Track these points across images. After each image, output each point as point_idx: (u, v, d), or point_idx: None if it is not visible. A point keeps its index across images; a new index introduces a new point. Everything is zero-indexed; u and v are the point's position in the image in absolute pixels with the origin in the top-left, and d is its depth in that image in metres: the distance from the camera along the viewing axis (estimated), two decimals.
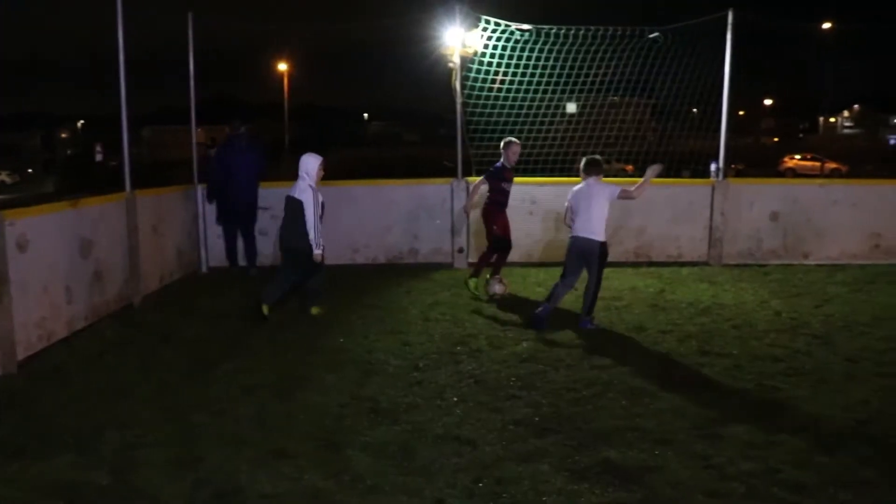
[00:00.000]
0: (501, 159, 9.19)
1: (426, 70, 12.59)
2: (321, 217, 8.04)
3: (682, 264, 11.37)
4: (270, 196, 11.26)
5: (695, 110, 12.42)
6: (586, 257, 7.74)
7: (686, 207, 11.51)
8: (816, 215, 11.67)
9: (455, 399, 5.83)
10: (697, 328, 7.81)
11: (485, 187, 9.30)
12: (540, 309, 7.90)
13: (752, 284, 10.03)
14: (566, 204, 8.17)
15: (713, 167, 11.72)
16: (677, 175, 12.84)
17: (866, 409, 5.58)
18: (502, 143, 9.22)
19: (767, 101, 77.41)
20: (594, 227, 7.67)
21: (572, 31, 11.58)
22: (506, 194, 9.23)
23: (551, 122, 12.39)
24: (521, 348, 7.09)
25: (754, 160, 43.63)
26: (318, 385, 6.16)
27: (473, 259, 11.26)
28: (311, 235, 7.94)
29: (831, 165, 44.18)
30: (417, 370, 6.52)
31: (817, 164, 44.48)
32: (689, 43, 12.00)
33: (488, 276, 9.36)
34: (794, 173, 42.97)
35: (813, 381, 6.17)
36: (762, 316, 8.35)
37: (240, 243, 10.96)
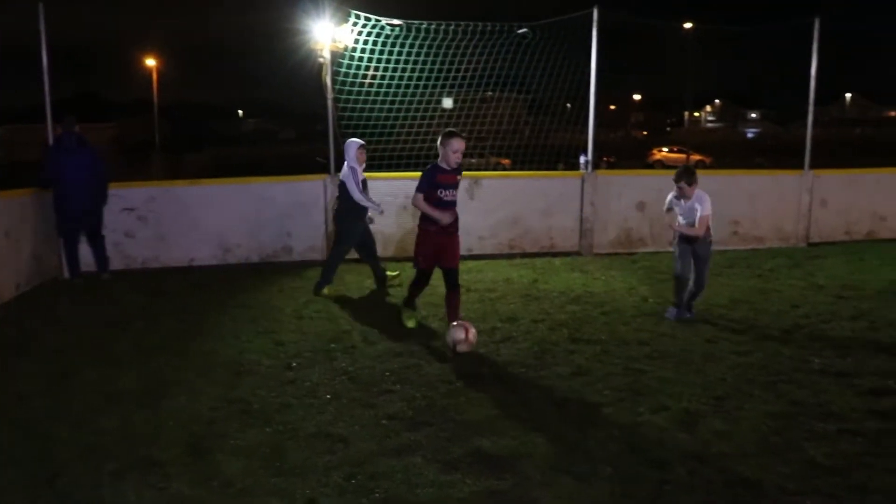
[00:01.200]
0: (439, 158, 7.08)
1: (297, 66, 12.42)
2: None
3: (556, 255, 11.64)
4: (136, 196, 10.85)
5: (568, 105, 12.73)
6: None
7: (558, 199, 11.79)
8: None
9: (328, 397, 5.76)
10: (568, 316, 8.01)
11: (419, 197, 7.07)
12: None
13: (621, 272, 10.37)
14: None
15: (582, 160, 12.06)
16: (553, 168, 13.16)
17: (723, 387, 5.86)
18: (440, 138, 7.06)
19: (637, 97, 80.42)
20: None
21: (442, 27, 11.64)
22: (441, 208, 7.04)
23: (431, 118, 12.40)
24: (395, 343, 7.07)
25: (625, 153, 45.23)
26: (186, 390, 5.96)
27: (350, 255, 11.18)
28: (360, 201, 8.98)
29: (696, 157, 46.22)
30: (290, 369, 6.41)
31: (683, 156, 46.46)
32: (557, 39, 12.29)
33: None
34: (663, 165, 44.76)
35: (675, 363, 6.43)
36: (630, 302, 8.65)
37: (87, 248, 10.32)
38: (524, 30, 12.07)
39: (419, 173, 11.62)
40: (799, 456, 4.69)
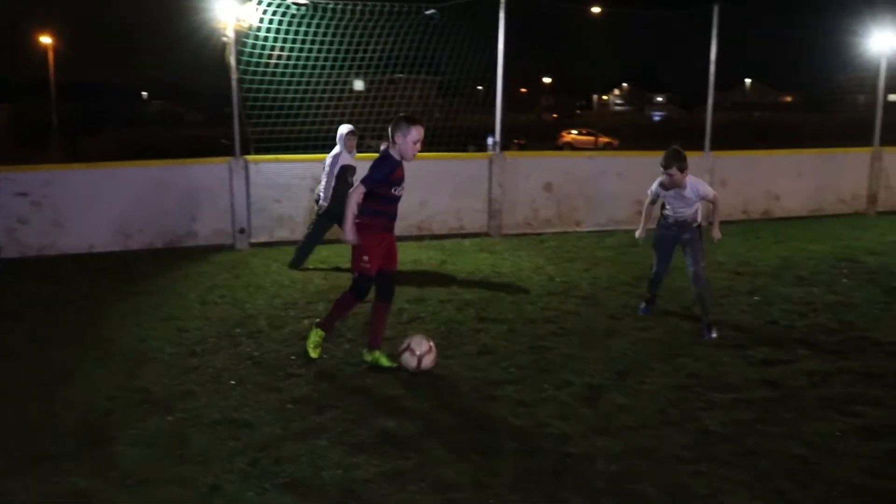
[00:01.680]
0: (389, 149, 5.82)
1: (200, 46, 12.08)
2: (348, 179, 9.03)
3: (464, 236, 11.70)
4: (30, 180, 10.39)
5: (479, 87, 12.78)
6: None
7: (466, 181, 11.85)
8: (586, 185, 12.42)
9: (233, 382, 5.66)
10: (476, 296, 8.07)
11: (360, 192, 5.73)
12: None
13: (528, 252, 10.51)
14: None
15: (490, 141, 12.14)
16: (463, 150, 13.23)
17: (625, 361, 6.02)
18: (396, 125, 5.76)
19: (547, 80, 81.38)
20: None
21: (349, 7, 11.50)
22: (392, 204, 5.96)
23: (340, 99, 12.24)
24: (302, 326, 7.00)
25: (536, 135, 45.73)
26: (83, 380, 5.76)
27: (257, 239, 11.00)
28: (322, 184, 9.21)
29: (604, 139, 47.14)
30: (194, 356, 6.26)
31: (592, 138, 47.32)
32: (465, 21, 12.31)
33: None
34: (572, 147, 45.44)
35: (580, 339, 6.57)
36: (537, 281, 8.78)
37: None
38: (432, 11, 12.04)
39: (326, 155, 11.43)
40: (695, 425, 4.86)
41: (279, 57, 11.72)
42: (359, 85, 13.39)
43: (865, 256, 10.37)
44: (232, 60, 10.84)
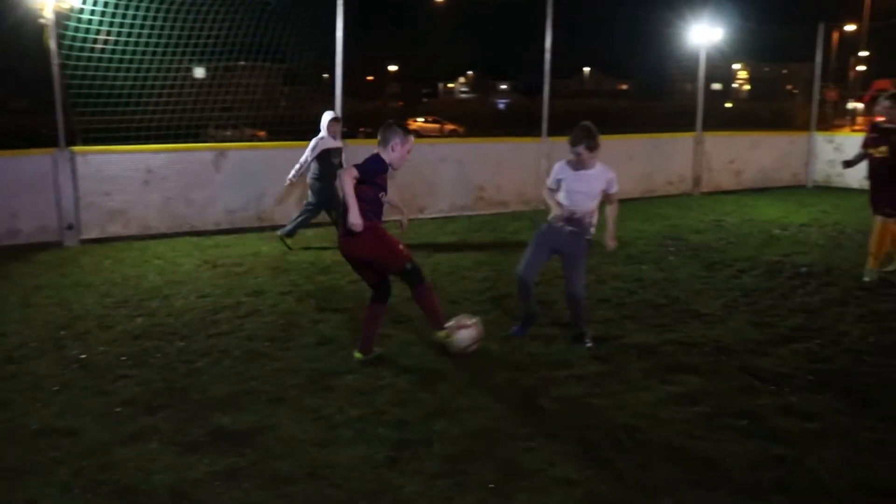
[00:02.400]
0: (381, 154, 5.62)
1: (16, 27, 11.29)
2: (332, 160, 9.81)
3: (309, 226, 11.51)
4: None
5: (326, 75, 12.59)
6: None
7: (306, 169, 11.63)
8: (428, 172, 12.53)
9: (56, 388, 5.33)
10: (316, 286, 7.98)
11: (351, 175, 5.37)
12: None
13: None
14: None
15: None
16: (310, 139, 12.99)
17: None
18: (392, 132, 5.65)
19: (393, 67, 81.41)
20: None
21: None
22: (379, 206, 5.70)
23: (177, 87, 11.70)
24: (133, 325, 6.69)
25: (382, 123, 45.70)
26: None
27: (88, 235, 10.41)
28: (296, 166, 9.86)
29: (450, 127, 47.70)
30: (11, 362, 5.86)
31: (437, 125, 47.78)
32: (305, 7, 12.10)
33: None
34: (418, 135, 45.70)
35: (419, 326, 6.61)
36: None
37: None
38: None
39: (167, 146, 10.91)
40: (529, 402, 5.00)
41: (106, 42, 11.11)
42: (199, 72, 12.92)
43: (690, 235, 11.03)
44: (52, 44, 10.18)
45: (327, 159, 9.88)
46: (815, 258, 9.48)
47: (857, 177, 17.15)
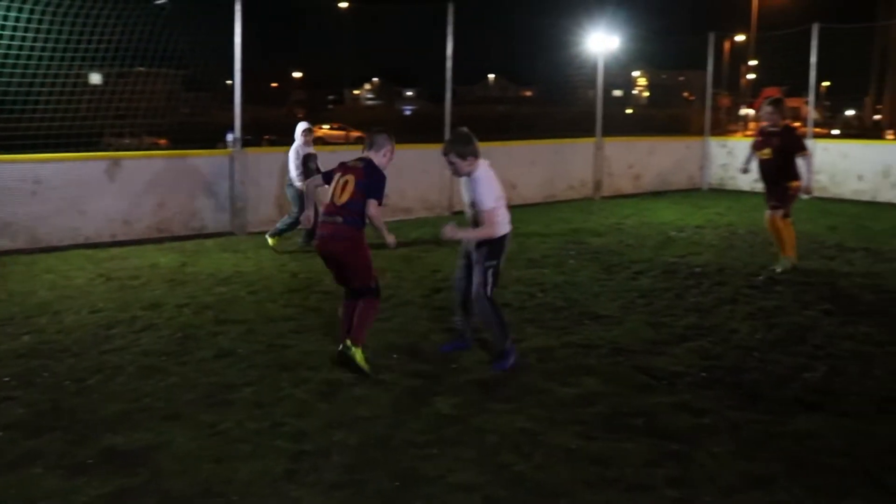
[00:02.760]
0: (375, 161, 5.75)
1: None
2: (310, 166, 10.06)
3: (207, 236, 11.28)
4: None
5: (229, 82, 12.32)
6: None
7: (206, 178, 11.42)
8: None
9: None
10: (215, 298, 7.80)
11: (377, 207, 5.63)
12: None
13: (273, 250, 10.32)
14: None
15: (230, 137, 11.78)
16: (213, 147, 12.76)
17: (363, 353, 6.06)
18: (384, 139, 5.84)
19: (298, 74, 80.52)
20: None
21: None
22: None
23: (68, 93, 11.24)
24: (19, 344, 6.38)
25: (288, 130, 45.17)
26: None
27: None
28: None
29: (355, 134, 47.49)
30: None
31: (343, 132, 47.51)
32: (204, 12, 11.85)
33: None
34: (325, 142, 45.38)
35: (319, 335, 6.55)
36: (280, 279, 8.65)
37: None
38: (162, 1, 11.46)
39: (57, 155, 10.45)
40: (428, 410, 5.01)
41: None
42: (95, 78, 12.50)
43: (590, 238, 11.28)
44: None
45: (306, 165, 10.21)
46: (708, 259, 9.83)
47: (748, 179, 17.92)
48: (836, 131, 37.39)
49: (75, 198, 10.52)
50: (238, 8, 11.46)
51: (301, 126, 10.73)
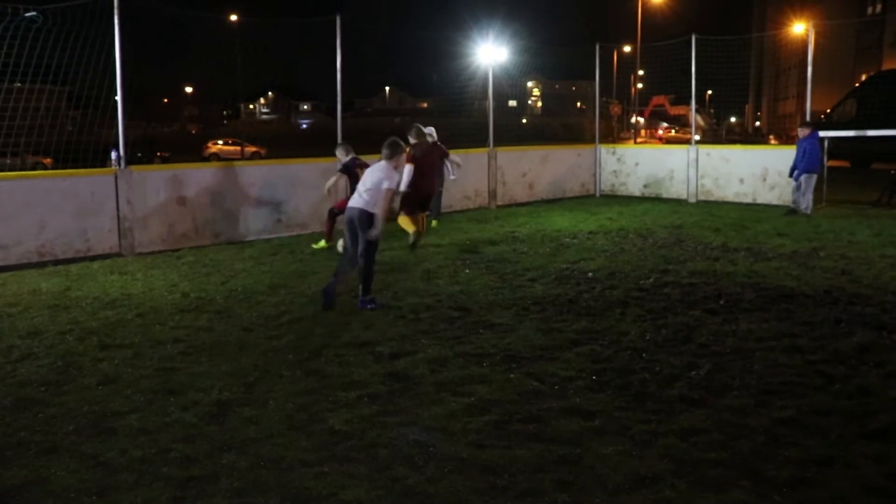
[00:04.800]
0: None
1: None
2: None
3: (94, 258, 10.86)
4: None
5: (116, 97, 11.88)
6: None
7: (90, 199, 10.98)
8: (223, 197, 12.18)
9: None
10: (100, 323, 7.50)
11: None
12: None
13: (164, 270, 10.04)
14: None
15: (114, 156, 11.38)
16: (104, 165, 12.27)
17: (254, 373, 5.95)
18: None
19: (189, 89, 78.59)
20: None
21: None
22: None
23: None
24: None
25: (182, 147, 44.08)
26: None
27: None
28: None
29: (251, 149, 46.72)
30: None
31: (238, 147, 46.68)
32: (83, 26, 11.41)
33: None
34: (219, 158, 44.50)
35: (209, 355, 6.38)
36: (170, 300, 8.40)
37: None
38: (33, 13, 10.99)
39: None
40: (320, 427, 4.94)
41: None
42: None
43: (485, 247, 11.39)
44: None
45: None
46: (600, 263, 10.07)
47: (639, 185, 18.50)
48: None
49: None
50: (116, 21, 11.10)
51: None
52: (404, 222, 11.11)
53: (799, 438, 4.74)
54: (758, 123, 61.83)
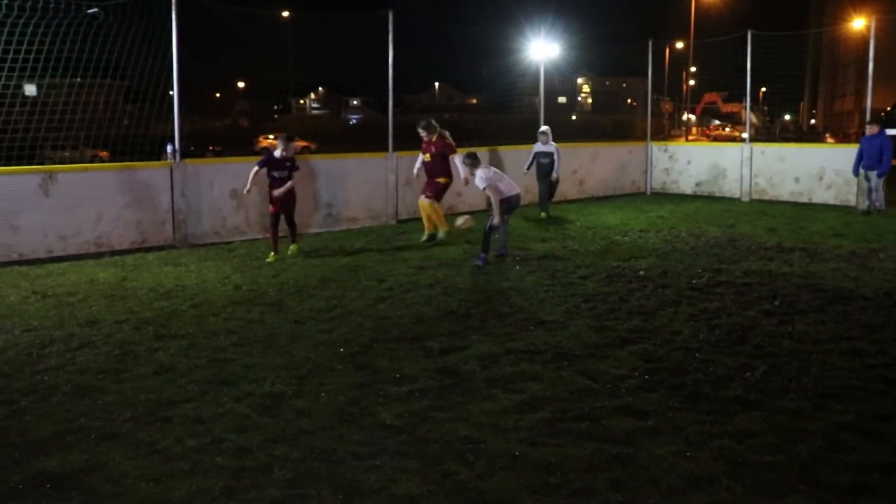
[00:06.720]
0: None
1: None
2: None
3: (148, 249, 11.06)
4: None
5: (171, 92, 12.08)
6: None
7: (144, 191, 11.18)
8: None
9: None
10: (155, 313, 7.63)
11: None
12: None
13: (216, 262, 10.18)
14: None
15: (170, 149, 11.57)
16: (158, 159, 12.50)
17: (307, 365, 6.00)
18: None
19: (241, 84, 79.62)
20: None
21: None
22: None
23: (6, 105, 10.88)
24: None
25: (233, 141, 44.64)
26: None
27: None
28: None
29: (301, 143, 47.09)
30: None
31: None
32: (140, 22, 11.61)
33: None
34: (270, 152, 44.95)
35: (262, 347, 6.45)
36: (222, 292, 8.51)
37: None
38: (94, 10, 11.21)
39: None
40: (371, 421, 4.96)
41: None
42: (30, 90, 12.14)
43: (535, 244, 11.33)
44: None
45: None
46: (652, 262, 9.94)
47: (690, 183, 18.24)
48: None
49: (7, 213, 10.20)
50: (174, 17, 11.28)
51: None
52: (436, 215, 11.63)
53: (859, 443, 4.62)
54: (813, 121, 60.59)
